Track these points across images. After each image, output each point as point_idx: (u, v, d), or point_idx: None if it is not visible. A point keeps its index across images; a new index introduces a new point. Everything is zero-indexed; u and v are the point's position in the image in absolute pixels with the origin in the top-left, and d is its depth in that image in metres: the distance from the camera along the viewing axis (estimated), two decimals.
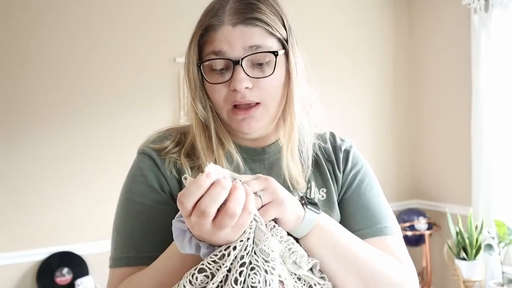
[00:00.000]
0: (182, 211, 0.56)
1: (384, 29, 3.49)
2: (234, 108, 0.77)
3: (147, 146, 0.82)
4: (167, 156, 0.80)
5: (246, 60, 0.75)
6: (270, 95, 0.78)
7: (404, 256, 0.81)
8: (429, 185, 3.42)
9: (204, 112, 0.80)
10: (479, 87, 2.90)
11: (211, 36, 0.77)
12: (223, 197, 0.55)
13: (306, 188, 0.84)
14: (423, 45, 3.45)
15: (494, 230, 2.72)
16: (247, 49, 0.75)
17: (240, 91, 0.75)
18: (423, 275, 3.27)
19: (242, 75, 0.74)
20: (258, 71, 0.76)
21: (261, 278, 0.58)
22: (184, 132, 0.85)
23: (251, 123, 0.78)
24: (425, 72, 3.44)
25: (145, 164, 0.81)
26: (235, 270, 0.58)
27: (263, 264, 0.59)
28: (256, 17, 0.76)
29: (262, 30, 0.76)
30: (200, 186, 0.55)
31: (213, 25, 0.76)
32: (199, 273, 0.59)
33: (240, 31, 0.75)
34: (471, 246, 2.72)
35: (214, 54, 0.76)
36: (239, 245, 0.59)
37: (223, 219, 0.56)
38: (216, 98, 0.78)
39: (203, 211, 0.55)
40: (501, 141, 2.85)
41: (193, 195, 0.55)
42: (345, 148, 0.90)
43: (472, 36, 2.95)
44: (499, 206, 2.84)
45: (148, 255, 0.70)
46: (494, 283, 2.66)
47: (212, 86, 0.77)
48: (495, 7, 2.82)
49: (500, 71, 2.84)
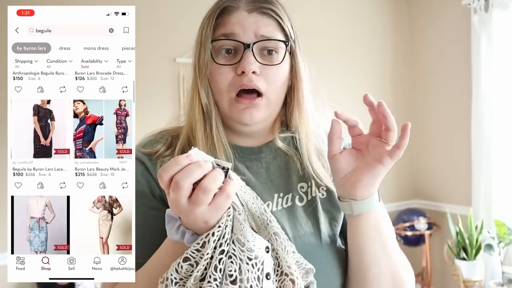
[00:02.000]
0: (161, 184, 0.60)
1: (384, 29, 3.49)
2: (238, 96, 0.78)
3: (138, 150, 0.81)
4: (159, 160, 0.80)
5: (257, 46, 0.77)
6: (273, 86, 0.79)
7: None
8: (429, 185, 3.43)
9: (206, 99, 0.80)
10: (479, 87, 2.90)
11: (224, 19, 0.78)
12: (198, 174, 0.58)
13: (307, 187, 0.84)
14: (423, 45, 3.45)
15: (494, 230, 2.72)
16: (259, 36, 0.77)
17: (248, 74, 0.76)
18: (423, 275, 3.27)
19: (251, 58, 0.76)
20: (267, 59, 0.78)
21: (237, 267, 0.61)
22: (176, 135, 0.84)
23: (253, 113, 0.78)
24: (425, 72, 3.44)
25: (136, 169, 0.80)
26: (215, 258, 0.61)
27: (239, 253, 0.61)
28: (271, 8, 0.79)
29: (274, 22, 0.79)
30: (178, 162, 0.59)
31: (229, 7, 0.78)
32: (184, 262, 0.62)
33: (254, 18, 0.78)
34: (471, 246, 2.72)
35: (224, 37, 0.77)
36: (217, 231, 0.61)
37: (198, 194, 0.58)
38: (220, 82, 0.78)
39: (177, 183, 0.58)
40: (501, 141, 2.85)
41: (171, 169, 0.59)
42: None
43: (472, 36, 2.95)
44: (499, 206, 2.84)
45: (140, 261, 0.70)
46: (494, 283, 2.67)
47: (219, 68, 0.77)
48: (495, 7, 2.82)
49: (500, 71, 2.84)
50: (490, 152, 2.86)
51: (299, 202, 0.83)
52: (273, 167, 0.84)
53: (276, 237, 0.67)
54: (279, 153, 0.86)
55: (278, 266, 0.66)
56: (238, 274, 0.60)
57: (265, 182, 0.82)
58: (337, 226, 0.84)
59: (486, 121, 2.87)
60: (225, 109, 0.80)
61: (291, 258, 0.67)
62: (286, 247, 0.67)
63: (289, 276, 0.64)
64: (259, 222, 0.68)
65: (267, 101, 0.79)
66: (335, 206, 0.84)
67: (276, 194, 0.82)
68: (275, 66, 0.78)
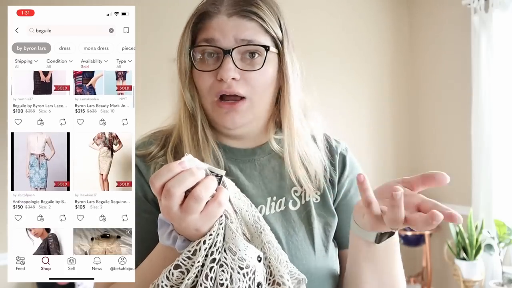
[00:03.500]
0: (154, 190, 0.60)
1: (384, 29, 3.49)
2: (220, 100, 0.77)
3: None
4: (153, 162, 0.80)
5: (237, 52, 0.75)
6: (256, 91, 0.77)
7: None
8: None
9: (191, 101, 0.80)
10: (479, 87, 2.90)
11: (205, 24, 0.78)
12: (190, 182, 0.58)
13: (301, 191, 0.82)
14: (423, 45, 3.45)
15: (494, 230, 2.72)
16: (239, 41, 0.75)
17: (227, 81, 0.75)
18: (423, 275, 3.27)
19: (230, 65, 0.74)
20: (248, 64, 0.76)
21: (228, 275, 0.60)
22: (170, 133, 0.84)
23: (235, 118, 0.77)
24: (425, 72, 3.44)
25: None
26: (206, 266, 0.61)
27: (231, 262, 0.61)
28: (252, 11, 0.76)
29: (256, 25, 0.77)
30: (170, 170, 0.58)
31: (209, 12, 0.77)
32: (175, 269, 0.62)
33: (234, 22, 0.76)
34: (471, 246, 2.72)
35: (205, 42, 0.77)
36: (209, 239, 0.61)
37: (189, 202, 0.58)
38: (202, 86, 0.78)
39: (168, 191, 0.57)
40: (501, 141, 2.85)
41: (163, 176, 0.58)
42: (341, 152, 0.89)
43: (472, 36, 2.95)
44: (499, 206, 2.84)
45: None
46: (494, 283, 2.66)
47: (200, 73, 0.77)
48: (495, 7, 2.82)
49: (500, 71, 2.83)
50: (490, 152, 2.86)
51: (293, 206, 0.81)
52: (267, 170, 0.83)
53: (269, 245, 0.66)
54: (273, 156, 0.84)
55: (271, 275, 0.66)
56: (229, 283, 0.60)
57: (259, 185, 0.81)
58: (331, 232, 0.82)
59: (486, 121, 2.87)
60: (209, 111, 0.80)
61: (284, 268, 0.66)
62: (279, 256, 0.67)
63: (281, 285, 0.64)
64: (253, 230, 0.68)
65: (251, 104, 0.77)
66: (329, 211, 0.83)
67: (269, 198, 0.80)
68: (256, 71, 0.76)
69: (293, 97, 0.81)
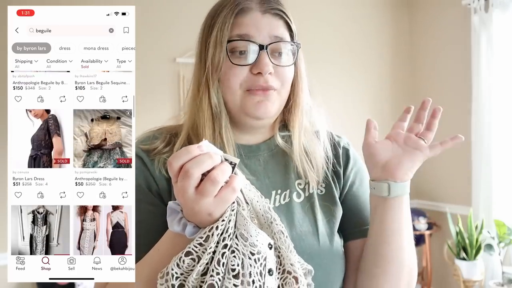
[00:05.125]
0: (170, 172, 0.60)
1: (384, 29, 3.49)
2: (251, 90, 0.79)
3: (136, 146, 0.81)
4: (157, 157, 0.80)
5: (270, 48, 0.78)
6: (285, 85, 0.81)
7: None
8: (429, 185, 3.42)
9: (216, 99, 0.80)
10: (479, 87, 2.90)
11: (239, 20, 0.79)
12: (208, 164, 0.59)
13: (304, 184, 0.85)
14: (423, 45, 3.45)
15: (494, 230, 2.72)
16: (272, 37, 0.79)
17: (264, 75, 0.77)
18: (423, 275, 3.27)
19: (267, 59, 0.77)
20: (278, 60, 0.79)
21: (239, 261, 0.61)
22: (174, 133, 0.84)
23: (267, 105, 0.79)
24: (425, 72, 3.44)
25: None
26: (218, 252, 0.61)
27: (242, 248, 0.61)
28: (281, 9, 0.81)
29: (285, 24, 0.81)
30: (189, 151, 0.59)
31: (244, 8, 0.79)
32: (186, 256, 0.61)
33: (268, 19, 0.79)
34: (471, 246, 2.73)
35: (240, 38, 0.78)
36: (221, 224, 0.61)
37: (205, 185, 0.59)
38: (234, 81, 0.78)
39: (187, 172, 0.58)
40: (501, 141, 2.85)
41: (182, 158, 0.59)
42: (343, 145, 0.92)
43: (472, 36, 2.95)
44: (499, 206, 2.84)
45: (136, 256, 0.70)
46: (494, 283, 2.67)
47: (233, 67, 0.78)
48: (495, 7, 2.82)
49: (500, 71, 2.84)
50: (490, 152, 2.86)
51: (297, 198, 0.83)
52: (270, 165, 0.85)
53: (280, 235, 0.67)
54: (277, 151, 0.86)
55: (280, 264, 0.66)
56: (241, 268, 0.61)
57: (263, 179, 0.83)
58: (335, 223, 0.84)
59: (486, 121, 2.87)
60: (237, 105, 0.80)
61: (295, 256, 0.67)
62: (290, 245, 0.67)
63: (292, 273, 0.65)
64: (263, 220, 0.68)
65: (279, 96, 0.81)
66: (333, 202, 0.85)
67: (274, 191, 0.82)
68: (288, 67, 0.80)
69: (306, 94, 0.85)
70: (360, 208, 0.87)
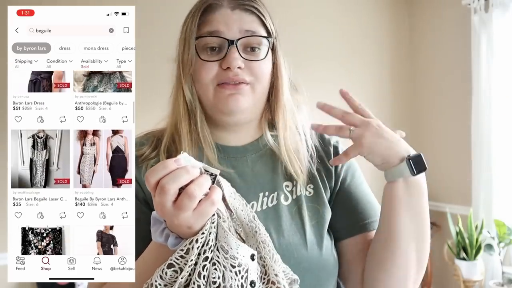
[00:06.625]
0: (148, 187, 0.60)
1: (384, 28, 3.49)
2: (222, 84, 0.79)
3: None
4: (144, 163, 0.81)
5: (240, 43, 0.79)
6: (259, 79, 0.80)
7: None
8: (429, 185, 3.37)
9: (190, 95, 0.82)
10: (479, 87, 2.90)
11: (208, 16, 0.80)
12: (184, 179, 0.59)
13: (292, 186, 0.84)
14: (423, 45, 3.45)
15: (494, 230, 2.72)
16: (243, 32, 0.79)
17: (233, 70, 0.77)
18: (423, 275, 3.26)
19: (236, 54, 0.77)
20: (250, 54, 0.80)
21: (220, 274, 0.61)
22: (160, 136, 0.85)
23: (238, 99, 0.79)
24: (425, 72, 3.44)
25: None
26: (199, 265, 0.61)
27: (223, 260, 0.62)
28: (253, 5, 0.81)
29: (257, 19, 0.81)
30: (165, 166, 0.59)
31: (213, 5, 0.80)
32: (168, 268, 0.62)
33: (238, 15, 0.80)
34: (471, 246, 2.72)
35: (209, 34, 0.79)
36: (201, 237, 0.62)
37: (183, 199, 0.59)
38: (205, 76, 0.79)
39: (163, 187, 0.58)
40: (501, 141, 2.85)
41: (158, 173, 0.59)
42: (333, 144, 0.91)
43: (472, 36, 2.95)
44: (499, 206, 2.84)
45: None
46: (494, 283, 2.67)
47: (203, 64, 0.79)
48: (495, 7, 2.82)
49: (500, 71, 2.84)
50: (490, 152, 2.86)
51: (284, 201, 0.83)
52: (258, 166, 0.85)
53: (264, 245, 0.67)
54: (266, 151, 0.86)
55: (265, 274, 0.66)
56: (222, 281, 0.61)
57: (251, 181, 0.82)
58: (324, 225, 0.83)
59: (486, 121, 2.87)
60: (210, 100, 0.80)
61: (279, 267, 0.67)
62: (274, 255, 0.67)
63: (276, 284, 0.65)
64: (248, 229, 0.68)
65: (252, 89, 0.80)
66: (322, 204, 0.84)
67: (261, 194, 0.82)
68: (259, 61, 0.80)
69: (285, 90, 0.85)
70: (354, 204, 0.86)
